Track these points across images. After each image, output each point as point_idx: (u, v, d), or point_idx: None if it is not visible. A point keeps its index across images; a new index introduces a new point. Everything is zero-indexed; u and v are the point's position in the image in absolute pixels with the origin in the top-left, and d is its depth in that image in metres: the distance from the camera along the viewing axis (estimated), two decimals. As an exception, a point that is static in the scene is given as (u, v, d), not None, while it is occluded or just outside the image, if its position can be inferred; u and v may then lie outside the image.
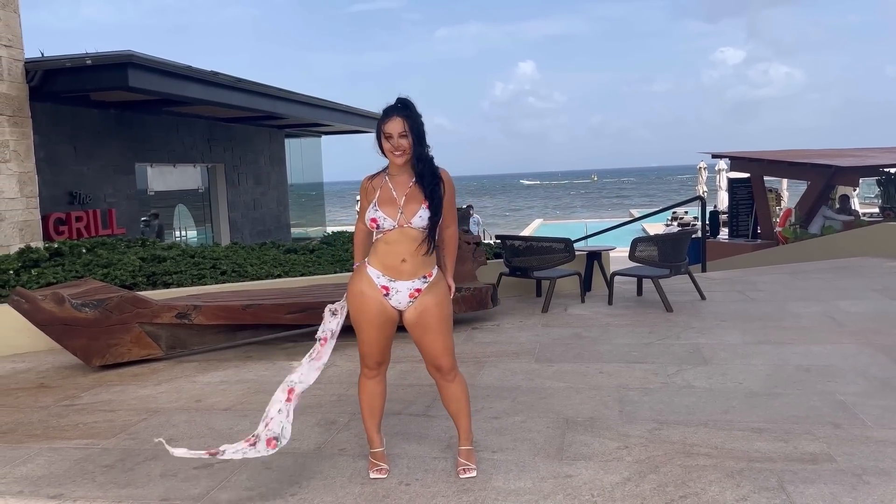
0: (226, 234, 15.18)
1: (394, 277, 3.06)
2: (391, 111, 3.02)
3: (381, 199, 3.06)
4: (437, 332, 3.09)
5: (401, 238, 3.03)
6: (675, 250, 6.85)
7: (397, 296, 3.07)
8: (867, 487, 2.95)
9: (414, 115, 3.02)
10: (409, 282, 3.06)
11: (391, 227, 3.02)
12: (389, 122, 2.99)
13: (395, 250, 3.04)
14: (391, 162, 3.07)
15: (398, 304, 3.09)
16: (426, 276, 3.09)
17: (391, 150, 3.01)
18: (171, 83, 10.30)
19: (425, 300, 3.07)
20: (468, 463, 3.21)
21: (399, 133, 2.98)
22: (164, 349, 5.46)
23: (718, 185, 21.92)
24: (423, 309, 3.07)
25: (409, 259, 3.04)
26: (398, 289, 3.06)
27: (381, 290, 3.07)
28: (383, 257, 3.06)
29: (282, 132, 17.58)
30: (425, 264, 3.08)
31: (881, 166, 12.74)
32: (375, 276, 3.08)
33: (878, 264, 9.01)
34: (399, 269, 3.05)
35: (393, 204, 3.03)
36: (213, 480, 3.24)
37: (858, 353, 4.99)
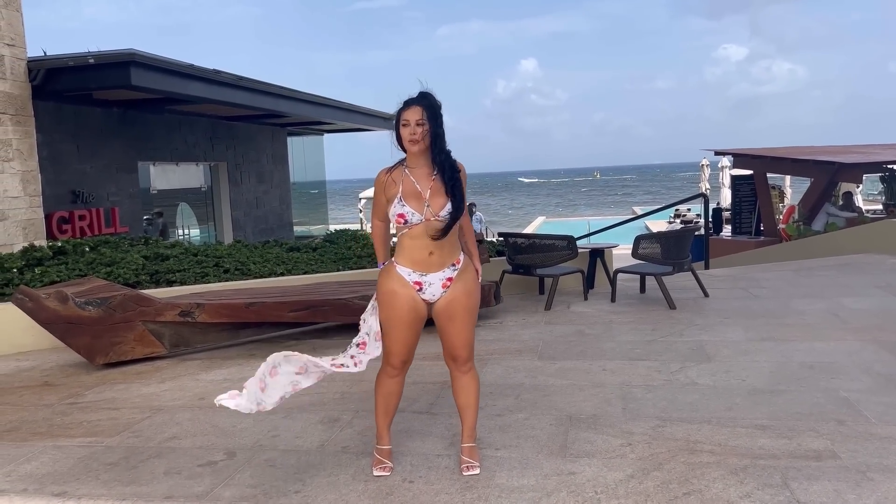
0: (228, 233, 15.20)
1: (424, 271, 3.07)
2: (411, 101, 3.03)
3: (405, 193, 3.03)
4: (462, 322, 3.12)
5: (426, 232, 3.02)
6: (678, 247, 6.84)
7: (431, 288, 3.08)
8: (871, 484, 2.94)
9: (433, 106, 3.02)
10: (440, 272, 3.08)
11: (418, 222, 3.01)
12: (408, 110, 3.01)
13: (422, 244, 3.04)
14: (408, 151, 3.05)
15: (432, 297, 3.10)
16: (455, 264, 3.11)
17: (408, 138, 3.00)
18: (173, 81, 10.30)
19: (456, 289, 3.09)
20: (471, 460, 3.22)
21: (416, 120, 2.99)
22: (168, 347, 5.47)
23: (721, 182, 21.90)
24: (453, 298, 3.09)
25: (435, 251, 3.04)
26: (431, 281, 3.08)
27: (414, 286, 3.07)
28: (410, 253, 3.07)
29: (284, 130, 17.58)
30: (452, 253, 3.10)
31: (885, 163, 12.70)
32: (406, 273, 3.08)
33: (881, 261, 8.99)
34: (428, 262, 3.05)
35: (419, 198, 3.02)
36: (217, 478, 3.24)
37: (862, 349, 4.98)
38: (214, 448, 3.61)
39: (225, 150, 15.04)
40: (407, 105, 3.02)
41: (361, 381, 4.66)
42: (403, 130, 3.02)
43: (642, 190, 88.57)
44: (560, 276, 7.03)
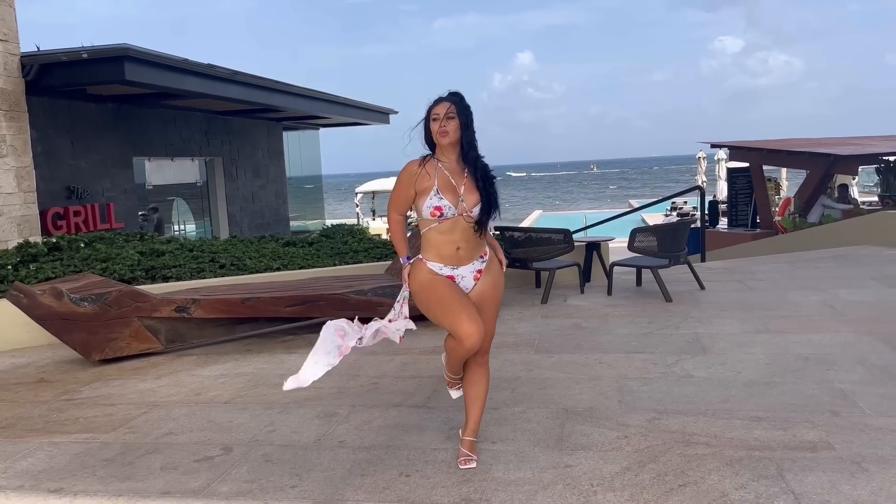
0: (224, 228, 15.17)
1: (455, 265, 3.10)
2: (441, 98, 3.10)
3: (441, 186, 3.04)
4: (487, 314, 3.16)
5: (453, 227, 3.06)
6: (673, 240, 6.85)
7: (463, 281, 3.13)
8: (866, 475, 2.95)
9: (463, 103, 3.09)
10: (470, 265, 3.13)
11: (452, 216, 3.03)
12: (438, 105, 3.07)
13: (449, 239, 3.07)
14: (438, 145, 3.09)
15: (466, 288, 3.13)
16: (482, 256, 3.17)
17: (439, 131, 3.04)
18: (167, 76, 10.27)
19: (486, 282, 3.15)
20: (470, 454, 3.23)
21: (445, 114, 3.04)
22: (164, 343, 5.46)
23: (718, 174, 21.90)
24: (482, 290, 3.14)
25: (462, 246, 3.08)
26: (463, 274, 3.12)
27: (449, 279, 3.11)
28: (439, 248, 3.09)
29: (280, 125, 17.54)
30: (478, 246, 3.15)
31: (880, 154, 12.72)
32: (438, 268, 3.11)
33: (877, 252, 9.01)
34: (457, 257, 3.09)
35: (454, 192, 3.05)
36: (214, 473, 3.24)
37: (857, 341, 4.99)
38: (211, 443, 3.60)
39: (220, 144, 15.00)
40: (437, 101, 3.09)
41: (357, 376, 4.67)
42: (433, 124, 3.06)
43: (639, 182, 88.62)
44: (556, 270, 7.04)
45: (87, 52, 9.02)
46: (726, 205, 15.62)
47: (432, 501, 2.89)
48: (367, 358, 5.10)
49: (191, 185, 15.02)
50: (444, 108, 3.05)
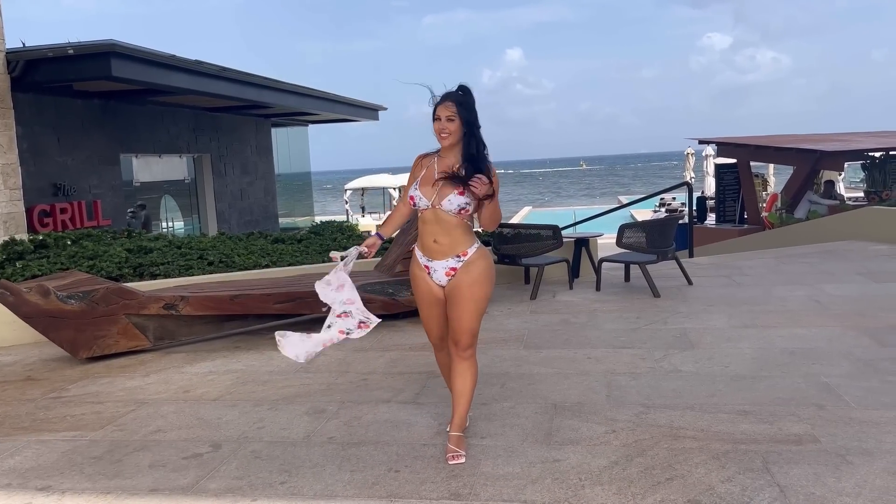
0: (213, 225, 15.11)
1: (430, 257, 3.23)
2: (446, 96, 3.15)
3: (424, 178, 3.20)
4: (462, 309, 3.19)
5: (433, 219, 3.16)
6: (662, 236, 6.88)
7: (435, 274, 3.24)
8: (850, 468, 2.99)
9: (466, 103, 3.14)
10: (444, 261, 3.20)
11: (425, 207, 3.16)
12: (441, 106, 3.13)
13: (429, 230, 3.20)
14: (440, 143, 3.20)
15: (439, 281, 3.24)
16: (460, 255, 3.19)
17: (438, 132, 3.14)
18: (154, 72, 10.21)
19: (460, 278, 3.19)
20: (458, 450, 3.23)
21: (447, 116, 3.11)
22: (152, 340, 5.44)
23: (706, 170, 21.99)
24: (455, 286, 3.19)
25: (439, 239, 3.17)
26: (435, 268, 3.23)
27: (424, 269, 3.25)
28: (422, 238, 3.25)
29: (268, 121, 17.48)
30: (459, 244, 3.18)
31: (866, 150, 12.82)
32: (419, 256, 3.28)
33: (862, 248, 9.09)
34: (432, 249, 3.20)
35: (430, 184, 3.16)
36: (203, 470, 3.24)
37: (843, 335, 5.04)
38: (199, 440, 3.60)
39: (208, 141, 14.93)
40: (441, 100, 3.14)
41: (347, 373, 4.67)
42: (435, 125, 3.15)
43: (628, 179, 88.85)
44: (545, 266, 7.05)
45: (73, 49, 8.95)
46: (714, 201, 15.70)
47: (421, 497, 2.90)
48: (356, 354, 5.11)
49: (179, 181, 14.94)
50: (446, 110, 3.11)
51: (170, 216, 15.14)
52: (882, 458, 3.06)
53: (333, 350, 5.22)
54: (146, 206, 13.65)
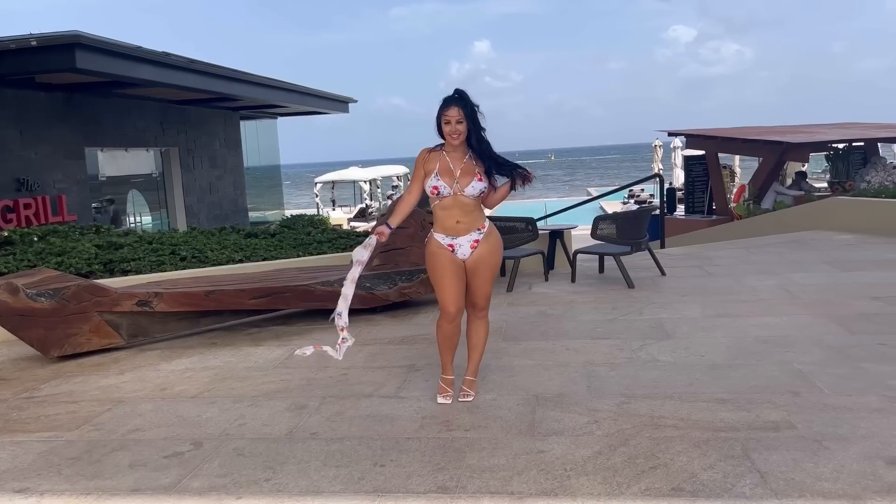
0: (182, 220, 14.89)
1: (455, 235, 3.72)
2: (450, 101, 3.64)
3: (441, 170, 3.67)
4: (483, 278, 3.79)
5: (454, 204, 3.68)
6: (636, 227, 6.95)
7: (461, 249, 3.73)
8: (827, 453, 3.06)
9: (469, 104, 3.64)
10: (468, 236, 3.73)
11: (448, 195, 3.67)
12: (448, 111, 3.62)
13: (450, 214, 3.70)
14: (448, 142, 3.68)
15: (463, 256, 3.74)
16: (480, 228, 3.76)
17: (450, 134, 3.63)
18: (120, 64, 10.01)
19: (482, 249, 3.75)
20: (469, 390, 3.89)
21: (456, 120, 3.61)
22: (126, 338, 5.35)
23: (674, 162, 22.29)
24: (478, 256, 3.74)
25: (461, 219, 3.70)
26: (460, 243, 3.73)
27: (448, 248, 3.73)
28: (442, 222, 3.74)
29: (237, 114, 17.25)
30: (477, 220, 3.75)
31: (829, 142, 13.09)
32: (441, 238, 3.75)
33: (828, 237, 9.29)
34: (457, 229, 3.72)
35: (451, 175, 3.66)
36: (184, 469, 3.20)
37: (813, 323, 5.15)
38: (180, 439, 3.55)
39: (176, 134, 14.69)
40: (447, 104, 3.63)
41: (327, 367, 4.65)
42: (445, 127, 3.64)
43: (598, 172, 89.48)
44: (521, 258, 7.08)
45: (37, 40, 8.73)
46: (683, 192, 15.91)
47: (408, 491, 2.90)
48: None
49: (146, 175, 14.69)
50: (454, 114, 3.60)
51: (137, 211, 14.88)
52: (857, 443, 3.14)
53: (311, 345, 5.20)
54: (114, 201, 13.40)
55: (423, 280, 6.16)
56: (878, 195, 9.95)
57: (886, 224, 9.10)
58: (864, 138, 13.58)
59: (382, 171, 30.15)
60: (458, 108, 3.61)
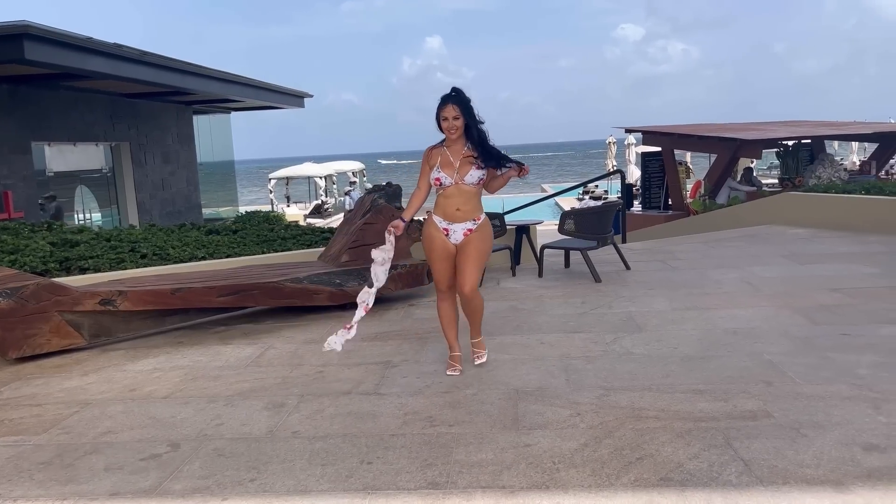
0: (133, 216, 14.50)
1: (451, 221, 4.11)
2: (447, 99, 3.99)
3: (442, 163, 4.07)
4: (472, 261, 4.11)
5: (455, 193, 4.06)
6: (602, 222, 7.03)
7: (454, 235, 4.12)
8: (805, 440, 3.13)
9: (464, 102, 3.99)
10: (463, 224, 4.11)
11: (449, 184, 4.06)
12: (446, 108, 3.98)
13: (451, 202, 4.08)
14: (447, 137, 4.04)
15: (456, 241, 4.12)
16: (475, 220, 4.13)
17: (448, 129, 4.00)
18: (71, 56, 9.68)
19: (473, 236, 4.11)
20: (479, 350, 4.39)
21: (453, 116, 3.98)
22: (87, 338, 5.17)
23: (628, 158, 22.63)
24: (468, 241, 4.11)
25: (462, 207, 4.08)
26: (455, 230, 4.11)
27: (443, 231, 4.12)
28: (443, 208, 4.13)
29: (190, 108, 16.87)
30: (474, 211, 4.13)
31: (780, 139, 13.47)
32: (439, 221, 4.14)
33: (782, 231, 9.56)
34: (455, 215, 4.10)
35: (451, 167, 4.06)
36: (164, 471, 3.10)
37: (777, 315, 5.28)
38: (155, 440, 3.44)
39: (127, 129, 14.29)
40: (444, 102, 3.99)
41: (301, 366, 4.58)
42: (444, 124, 4.00)
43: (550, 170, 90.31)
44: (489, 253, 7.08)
45: (-18, 29, 8.37)
46: (639, 188, 16.17)
47: (399, 487, 2.87)
48: (307, 346, 5.00)
49: (96, 171, 14.25)
50: (451, 111, 3.96)
51: (86, 207, 14.42)
52: (833, 430, 3.22)
53: (283, 343, 5.13)
54: (56, 198, 12.93)
55: (394, 276, 6.11)
56: (827, 191, 10.28)
57: (836, 218, 9.41)
58: (813, 136, 14.03)
59: (338, 166, 29.89)
60: (454, 105, 3.96)
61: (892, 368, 3.98)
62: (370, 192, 6.86)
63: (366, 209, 6.53)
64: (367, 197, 6.81)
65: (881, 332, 4.69)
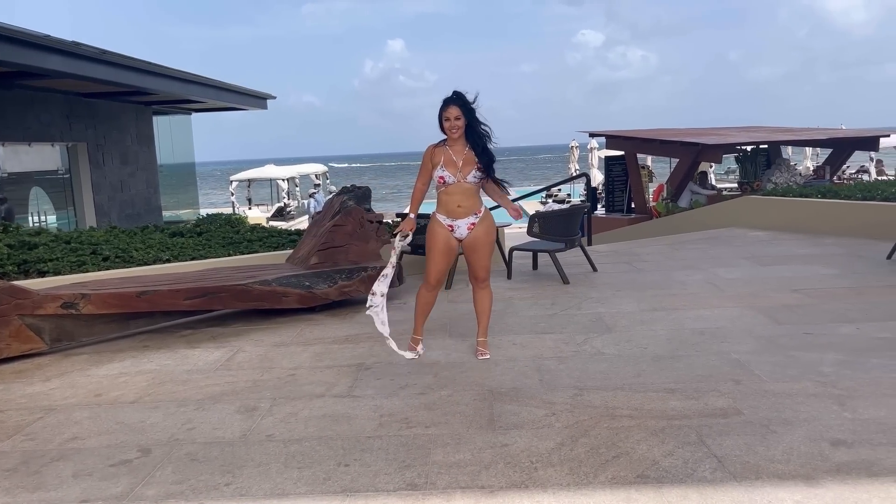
0: (91, 218, 14.15)
1: (455, 218, 4.36)
2: (449, 101, 4.25)
3: (445, 162, 4.30)
4: (481, 254, 4.43)
5: (457, 190, 4.31)
6: (570, 225, 7.10)
7: (459, 230, 4.37)
8: (775, 436, 3.20)
9: (466, 104, 4.26)
10: (466, 219, 4.37)
11: (453, 182, 4.30)
12: (448, 109, 4.24)
13: (453, 199, 4.32)
14: (449, 136, 4.29)
15: (461, 235, 4.38)
16: (477, 213, 4.39)
17: (449, 129, 4.26)
18: (27, 54, 9.40)
19: (478, 230, 4.39)
20: (484, 349, 4.55)
21: (455, 116, 4.24)
22: (48, 342, 5.03)
23: (590, 162, 22.89)
24: (475, 236, 4.39)
25: (463, 203, 4.33)
26: (459, 225, 4.37)
27: (448, 227, 4.37)
28: (445, 205, 4.36)
29: (149, 109, 16.55)
30: (475, 206, 4.38)
31: (739, 144, 13.76)
32: (443, 219, 4.38)
33: (742, 234, 9.77)
34: (457, 212, 4.35)
35: (454, 165, 4.30)
36: (135, 477, 3.03)
37: (742, 315, 5.39)
38: (125, 446, 3.37)
39: (84, 129, 13.95)
40: (447, 104, 4.25)
41: (272, 369, 4.52)
42: (446, 124, 4.26)
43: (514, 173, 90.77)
44: (458, 255, 7.09)
45: (-66, 24, 8.09)
46: (602, 191, 16.36)
47: (378, 489, 2.85)
48: (278, 349, 4.95)
49: (52, 172, 13.87)
50: (453, 112, 4.23)
51: (42, 209, 14.03)
52: (801, 426, 3.30)
53: (252, 346, 5.06)
54: (7, 200, 12.55)
55: (363, 278, 6.09)
56: (785, 194, 10.54)
57: (794, 221, 9.65)
58: (771, 141, 14.38)
59: (302, 168, 29.63)
60: (456, 106, 4.23)
61: (853, 366, 4.10)
62: (339, 194, 6.81)
63: (335, 211, 6.49)
64: (336, 199, 6.76)
65: (841, 331, 4.83)
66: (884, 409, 3.44)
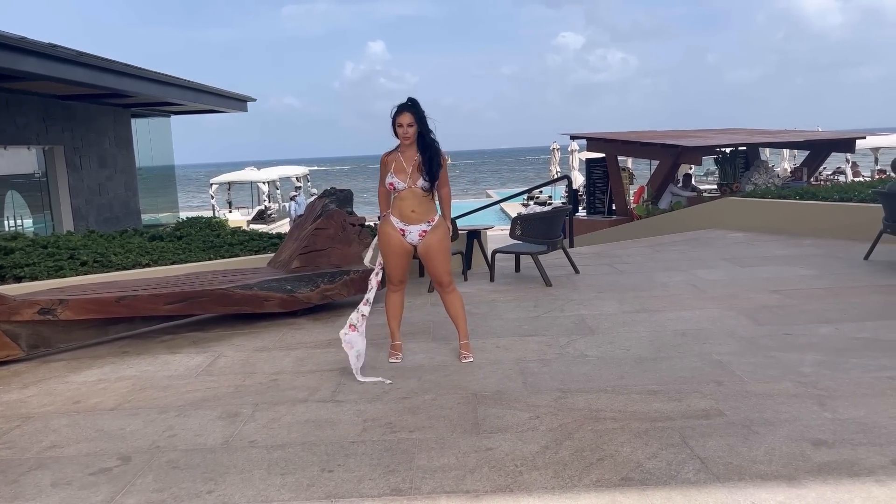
0: (68, 223, 13.96)
1: (407, 223, 4.40)
2: (403, 107, 4.28)
3: (395, 168, 4.37)
4: (437, 261, 4.46)
5: (410, 196, 4.36)
6: (552, 227, 7.12)
7: (410, 235, 4.43)
8: (757, 437, 3.23)
9: (419, 111, 4.30)
10: (418, 226, 4.41)
11: (403, 188, 4.36)
12: (401, 116, 4.27)
13: (407, 204, 4.38)
14: (402, 143, 4.33)
15: (412, 241, 4.44)
16: (429, 221, 4.44)
17: (402, 136, 4.30)
18: (2, 56, 9.26)
19: (430, 238, 4.43)
20: (467, 352, 4.54)
21: (408, 123, 4.27)
22: (26, 349, 4.95)
23: (571, 164, 22.98)
24: (428, 244, 4.43)
25: (416, 209, 4.38)
26: (410, 230, 4.42)
27: (400, 231, 4.42)
28: (399, 209, 4.42)
29: (128, 111, 16.37)
30: (428, 213, 4.43)
31: (719, 146, 13.89)
32: (396, 222, 4.43)
33: (722, 235, 9.86)
34: (410, 217, 4.39)
35: (404, 172, 4.36)
36: (116, 485, 2.99)
37: (723, 316, 5.43)
38: (104, 454, 3.32)
39: (61, 132, 13.77)
40: (400, 111, 4.29)
41: (253, 374, 4.49)
42: (398, 130, 4.30)
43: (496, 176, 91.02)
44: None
45: None
46: (583, 193, 16.42)
47: (362, 495, 2.83)
48: (258, 354, 4.91)
49: (27, 175, 13.68)
50: (406, 118, 4.25)
51: (17, 213, 13.82)
52: (782, 426, 3.33)
53: (234, 351, 5.02)
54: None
55: (346, 282, 6.06)
56: (764, 196, 10.65)
57: (773, 223, 9.76)
58: (749, 143, 14.52)
59: (282, 171, 29.49)
60: (409, 113, 4.26)
61: (833, 366, 4.14)
62: (321, 197, 6.78)
63: (317, 214, 6.46)
64: (317, 202, 6.73)
65: (820, 332, 4.88)
66: (863, 409, 3.48)
